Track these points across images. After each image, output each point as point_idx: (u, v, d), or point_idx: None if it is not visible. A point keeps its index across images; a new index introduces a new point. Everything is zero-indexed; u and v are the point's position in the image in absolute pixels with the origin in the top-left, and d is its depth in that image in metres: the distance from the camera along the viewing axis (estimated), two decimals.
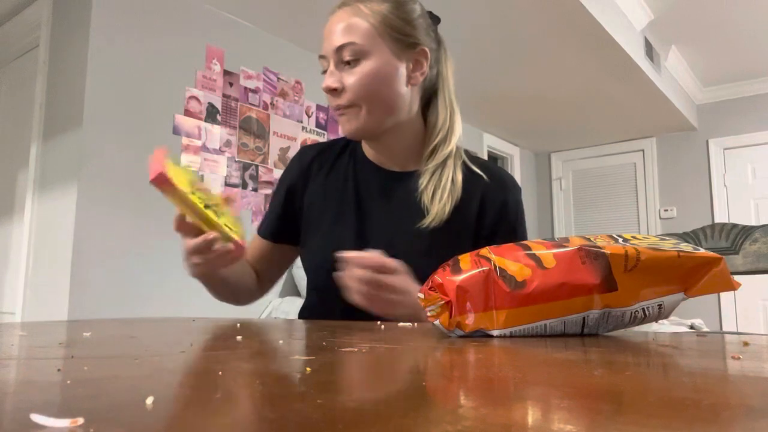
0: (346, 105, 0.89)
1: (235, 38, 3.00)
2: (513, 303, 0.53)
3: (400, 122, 0.92)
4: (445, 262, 0.62)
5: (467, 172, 0.95)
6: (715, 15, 3.55)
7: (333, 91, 0.88)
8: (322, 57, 0.90)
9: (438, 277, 0.56)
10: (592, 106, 4.44)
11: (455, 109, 0.97)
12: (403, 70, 0.90)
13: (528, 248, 0.56)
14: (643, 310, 0.54)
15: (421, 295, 0.57)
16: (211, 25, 2.89)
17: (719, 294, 4.72)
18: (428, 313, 0.56)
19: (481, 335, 0.54)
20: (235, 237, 0.78)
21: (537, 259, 0.54)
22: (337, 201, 0.96)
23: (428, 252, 0.89)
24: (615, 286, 0.52)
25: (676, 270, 0.53)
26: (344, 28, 0.87)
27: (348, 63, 0.87)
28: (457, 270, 0.56)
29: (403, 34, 0.89)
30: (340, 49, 0.87)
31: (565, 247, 0.55)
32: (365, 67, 0.87)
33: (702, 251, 0.54)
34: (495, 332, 0.53)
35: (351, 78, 0.87)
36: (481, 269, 0.55)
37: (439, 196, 0.90)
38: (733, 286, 0.53)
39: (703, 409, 0.22)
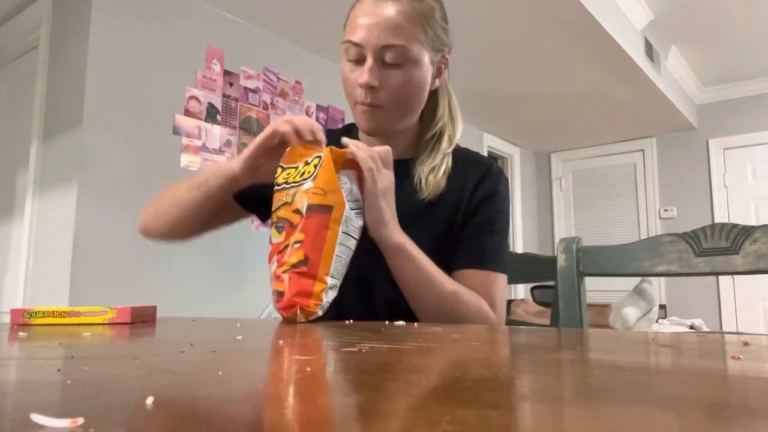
0: (377, 105, 0.86)
1: (235, 38, 3.00)
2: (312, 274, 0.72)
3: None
4: (439, 243, 0.83)
5: (460, 155, 0.96)
6: (715, 15, 3.55)
7: (371, 89, 0.84)
8: (353, 44, 0.83)
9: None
10: (592, 106, 4.44)
11: (452, 95, 0.97)
12: (430, 76, 0.89)
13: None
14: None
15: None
16: (211, 25, 2.89)
17: (719, 294, 4.73)
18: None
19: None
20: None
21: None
22: None
23: (423, 234, 0.88)
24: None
25: None
26: (393, 25, 0.81)
27: (390, 63, 0.83)
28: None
29: (440, 42, 0.88)
30: (386, 48, 0.82)
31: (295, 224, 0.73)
32: (407, 73, 0.84)
33: None
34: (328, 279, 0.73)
35: (391, 80, 0.84)
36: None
37: (435, 172, 0.90)
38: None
39: (703, 409, 0.22)
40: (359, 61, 0.85)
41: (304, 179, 0.75)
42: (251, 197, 0.96)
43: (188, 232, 0.97)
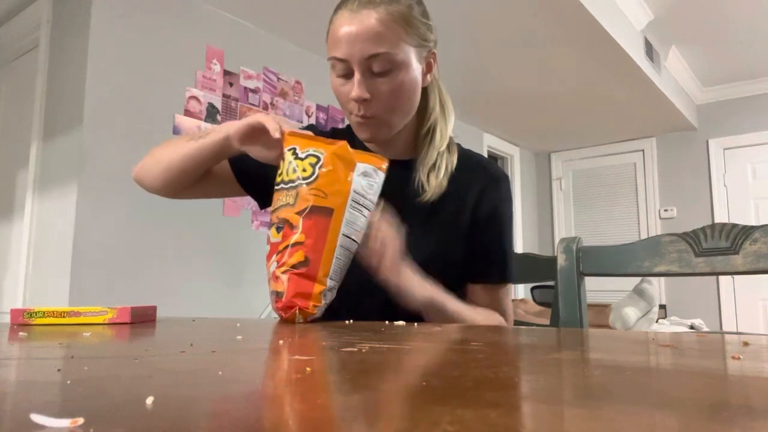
0: (371, 116, 0.86)
1: (235, 38, 3.00)
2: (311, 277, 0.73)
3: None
4: (442, 245, 0.83)
5: (463, 156, 0.97)
6: (715, 15, 3.55)
7: (363, 101, 0.84)
8: (338, 60, 0.83)
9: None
10: (592, 106, 4.44)
11: (442, 89, 0.97)
12: (420, 74, 0.89)
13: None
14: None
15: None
16: (211, 25, 2.89)
17: (719, 294, 4.73)
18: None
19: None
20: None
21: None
22: None
23: (425, 237, 0.89)
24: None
25: None
26: (374, 34, 0.80)
27: (378, 72, 0.83)
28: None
29: (423, 38, 0.87)
30: (371, 58, 0.81)
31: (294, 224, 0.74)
32: (396, 79, 0.84)
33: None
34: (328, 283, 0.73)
35: (381, 89, 0.84)
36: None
37: (435, 172, 0.90)
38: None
39: (703, 409, 0.22)
40: (347, 75, 0.85)
41: (303, 179, 0.74)
42: (251, 176, 0.97)
43: (178, 185, 0.95)
